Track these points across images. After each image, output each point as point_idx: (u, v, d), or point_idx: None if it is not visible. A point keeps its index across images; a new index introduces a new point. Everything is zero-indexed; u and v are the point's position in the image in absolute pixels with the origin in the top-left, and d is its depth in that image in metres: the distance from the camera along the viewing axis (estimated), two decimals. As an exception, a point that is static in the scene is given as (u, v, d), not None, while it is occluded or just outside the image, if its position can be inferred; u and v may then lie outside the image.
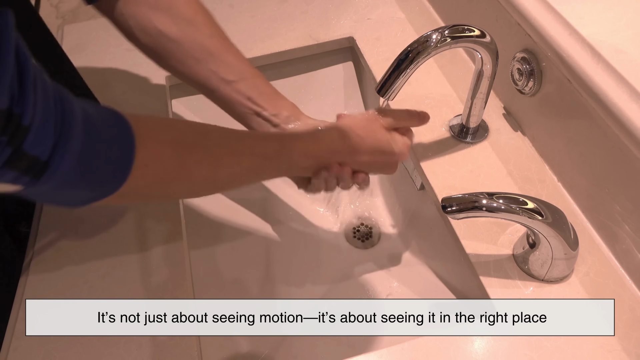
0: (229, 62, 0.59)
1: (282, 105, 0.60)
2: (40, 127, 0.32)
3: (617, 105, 0.48)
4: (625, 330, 0.51)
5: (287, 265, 0.79)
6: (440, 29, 0.55)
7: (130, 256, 0.61)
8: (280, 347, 0.69)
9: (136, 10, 0.56)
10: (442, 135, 0.70)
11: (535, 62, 0.61)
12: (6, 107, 0.30)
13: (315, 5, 0.91)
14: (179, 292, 0.58)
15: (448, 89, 0.76)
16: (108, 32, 0.90)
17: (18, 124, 0.30)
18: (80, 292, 0.59)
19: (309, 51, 0.86)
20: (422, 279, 0.74)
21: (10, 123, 0.30)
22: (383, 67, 0.61)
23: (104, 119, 0.39)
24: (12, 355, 0.54)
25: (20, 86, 0.31)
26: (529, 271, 0.55)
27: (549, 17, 0.57)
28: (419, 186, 0.74)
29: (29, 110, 0.31)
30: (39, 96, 0.32)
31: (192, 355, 0.53)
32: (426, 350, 0.51)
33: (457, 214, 0.50)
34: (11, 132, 0.30)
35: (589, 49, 0.52)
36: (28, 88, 0.31)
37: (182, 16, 0.57)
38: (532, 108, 0.65)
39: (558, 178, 0.63)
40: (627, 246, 0.53)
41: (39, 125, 0.32)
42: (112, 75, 0.83)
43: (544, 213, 0.49)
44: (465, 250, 0.58)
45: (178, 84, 0.83)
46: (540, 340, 0.51)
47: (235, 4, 0.93)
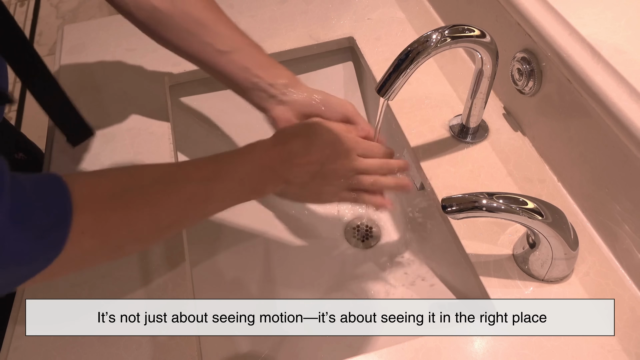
0: (223, 33, 0.58)
1: (279, 75, 0.59)
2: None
3: (617, 105, 0.48)
4: (625, 330, 0.51)
5: (287, 265, 0.79)
6: (440, 29, 0.55)
7: (131, 256, 0.61)
8: (280, 347, 0.69)
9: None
10: (442, 135, 0.70)
11: (535, 62, 0.61)
12: None
13: (315, 5, 0.91)
14: (179, 292, 0.58)
15: (448, 89, 0.76)
16: (108, 32, 0.90)
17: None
18: (80, 292, 0.59)
19: (309, 51, 0.86)
20: (422, 279, 0.74)
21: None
22: (383, 67, 0.61)
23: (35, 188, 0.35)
24: (12, 355, 0.54)
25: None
26: (529, 271, 0.55)
27: (549, 17, 0.57)
28: (419, 186, 0.74)
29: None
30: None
31: (192, 355, 0.53)
32: (426, 350, 0.51)
33: (457, 214, 0.50)
34: None
35: (589, 49, 0.52)
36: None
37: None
38: (532, 108, 0.65)
39: (558, 178, 0.63)
40: (627, 246, 0.53)
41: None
42: (112, 75, 0.83)
43: (544, 213, 0.49)
44: (465, 250, 0.58)
45: (178, 84, 0.83)
46: (540, 340, 0.51)
47: (235, 4, 0.93)
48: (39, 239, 0.34)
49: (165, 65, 0.82)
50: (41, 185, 0.36)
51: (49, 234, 0.35)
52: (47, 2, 0.96)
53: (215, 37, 0.58)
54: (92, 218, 0.39)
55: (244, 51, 0.58)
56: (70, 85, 0.81)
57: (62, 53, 0.87)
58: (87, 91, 0.81)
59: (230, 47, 0.58)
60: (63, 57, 0.86)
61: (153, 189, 0.45)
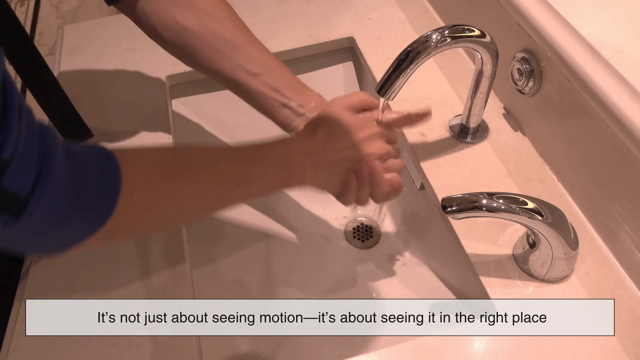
0: (254, 55, 0.59)
1: (309, 97, 0.60)
2: (22, 161, 0.30)
3: (617, 105, 0.48)
4: (625, 330, 0.51)
5: (287, 265, 0.79)
6: (440, 29, 0.55)
7: (130, 256, 0.61)
8: (280, 347, 0.69)
9: (158, 8, 0.56)
10: (442, 135, 0.70)
11: (535, 62, 0.61)
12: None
13: (315, 5, 0.91)
14: (179, 292, 0.58)
15: (448, 89, 0.76)
16: (108, 32, 0.90)
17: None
18: (80, 292, 0.59)
19: (309, 51, 0.86)
20: (422, 279, 0.74)
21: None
22: (383, 67, 0.61)
23: (86, 152, 0.37)
24: (12, 355, 0.54)
25: (4, 117, 0.29)
26: (529, 271, 0.55)
27: (549, 17, 0.57)
28: (419, 186, 0.74)
29: (10, 142, 0.29)
30: (23, 129, 0.30)
31: (192, 355, 0.53)
32: (426, 350, 0.51)
33: (457, 214, 0.50)
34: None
35: (589, 49, 0.52)
36: (12, 120, 0.29)
37: (204, 10, 0.57)
38: (532, 108, 0.65)
39: (558, 178, 0.63)
40: (627, 246, 0.53)
41: (20, 159, 0.30)
42: (112, 75, 0.83)
43: (544, 213, 0.49)
44: (465, 250, 0.58)
45: (178, 84, 0.83)
46: (540, 340, 0.51)
47: (236, 4, 0.92)
48: (90, 204, 0.36)
49: (165, 65, 0.82)
50: (91, 154, 0.37)
51: (99, 201, 0.37)
52: (47, 2, 0.96)
53: (246, 58, 0.58)
54: (140, 186, 0.40)
55: (274, 73, 0.59)
56: (69, 85, 0.81)
57: (62, 53, 0.87)
58: (87, 91, 0.81)
59: (261, 69, 0.58)
60: (63, 57, 0.86)
61: (196, 164, 0.46)
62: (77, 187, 0.35)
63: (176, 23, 0.56)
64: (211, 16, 0.57)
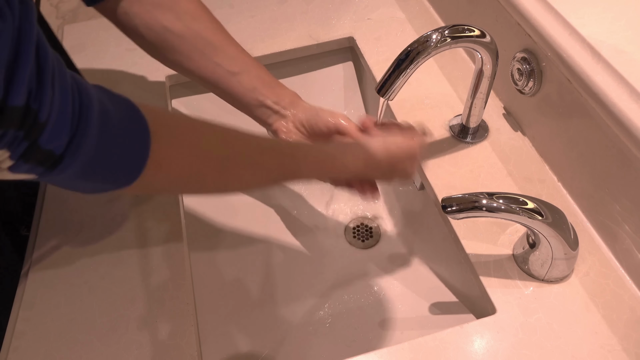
0: (232, 55, 0.61)
1: (283, 94, 0.63)
2: (56, 124, 0.32)
3: (617, 105, 0.48)
4: (625, 330, 0.51)
5: (287, 265, 0.79)
6: (440, 29, 0.55)
7: (131, 256, 0.61)
8: (280, 347, 0.69)
9: (141, 10, 0.58)
10: (442, 135, 0.70)
11: (535, 62, 0.61)
12: (23, 103, 0.30)
13: (315, 5, 0.91)
14: (179, 292, 0.58)
15: (448, 89, 0.76)
16: (108, 32, 0.90)
17: (34, 120, 0.30)
18: (80, 292, 0.59)
19: (309, 51, 0.86)
20: (422, 279, 0.74)
21: (27, 119, 0.30)
22: (383, 67, 0.61)
23: (121, 115, 0.39)
24: (12, 355, 0.54)
25: (39, 81, 0.30)
26: (529, 271, 0.55)
27: (549, 17, 0.57)
28: (419, 186, 0.74)
29: (46, 106, 0.31)
30: (57, 92, 0.32)
31: (192, 355, 0.53)
32: (426, 350, 0.51)
33: (457, 214, 0.50)
34: (27, 128, 0.30)
35: (589, 49, 0.52)
36: (46, 84, 0.31)
37: (186, 12, 0.59)
38: (532, 108, 0.65)
39: (558, 178, 0.63)
40: (627, 246, 0.53)
41: (55, 122, 0.32)
42: (112, 75, 0.83)
43: (544, 213, 0.49)
44: (465, 250, 0.58)
45: (178, 84, 0.83)
46: (540, 340, 0.51)
47: (235, 4, 0.93)
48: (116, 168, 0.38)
49: (165, 65, 0.82)
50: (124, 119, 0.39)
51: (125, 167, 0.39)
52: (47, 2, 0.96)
53: (226, 58, 0.60)
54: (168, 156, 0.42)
55: (252, 72, 0.61)
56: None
57: (62, 53, 0.87)
58: (87, 91, 0.81)
59: (239, 69, 0.61)
60: (63, 57, 0.86)
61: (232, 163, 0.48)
62: (106, 153, 0.37)
63: (159, 24, 0.58)
64: (193, 18, 0.59)
